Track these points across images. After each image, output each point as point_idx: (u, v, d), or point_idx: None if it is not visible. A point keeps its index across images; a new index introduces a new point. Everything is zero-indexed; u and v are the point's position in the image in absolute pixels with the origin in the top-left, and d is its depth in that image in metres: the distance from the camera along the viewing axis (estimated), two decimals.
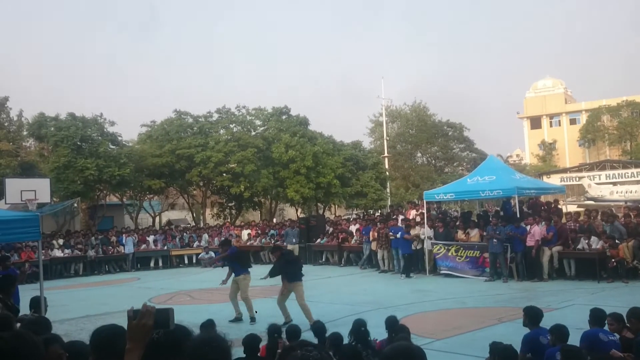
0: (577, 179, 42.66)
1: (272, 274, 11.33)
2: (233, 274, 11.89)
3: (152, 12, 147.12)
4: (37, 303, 7.79)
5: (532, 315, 6.93)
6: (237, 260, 12.13)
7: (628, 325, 6.36)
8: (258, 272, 12.43)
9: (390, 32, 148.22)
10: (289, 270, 11.17)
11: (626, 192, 37.58)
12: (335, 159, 33.10)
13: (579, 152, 63.58)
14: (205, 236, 26.19)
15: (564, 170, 47.14)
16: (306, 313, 10.70)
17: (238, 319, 11.51)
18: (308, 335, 7.22)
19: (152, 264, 24.80)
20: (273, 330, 6.68)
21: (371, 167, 36.11)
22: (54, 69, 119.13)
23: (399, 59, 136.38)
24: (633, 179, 40.09)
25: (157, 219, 38.25)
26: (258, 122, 35.30)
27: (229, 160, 30.57)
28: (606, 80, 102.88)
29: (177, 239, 25.96)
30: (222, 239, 19.34)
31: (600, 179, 41.78)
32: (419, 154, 48.62)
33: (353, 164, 34.82)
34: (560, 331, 6.25)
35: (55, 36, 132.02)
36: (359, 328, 6.78)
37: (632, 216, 15.84)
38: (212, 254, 24.72)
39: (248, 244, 25.20)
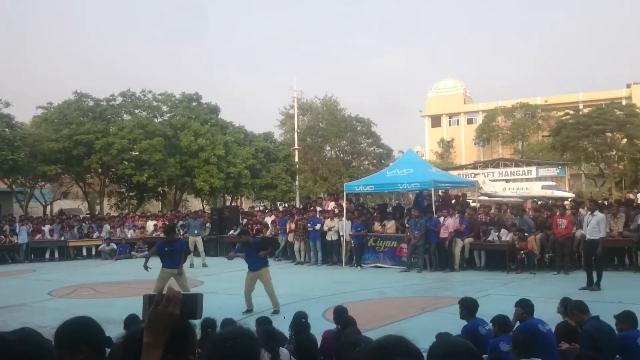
0: (473, 175, 44.39)
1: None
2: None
3: None
4: None
5: (468, 307, 6.90)
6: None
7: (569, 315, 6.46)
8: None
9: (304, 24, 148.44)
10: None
11: (518, 189, 39.76)
12: (247, 150, 32.47)
13: (474, 151, 66.86)
14: (107, 227, 24.54)
15: (461, 167, 49.06)
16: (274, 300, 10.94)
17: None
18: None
19: (47, 255, 23.02)
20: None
21: (282, 159, 35.78)
22: None
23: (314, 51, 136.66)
24: (524, 176, 42.35)
25: (49, 208, 35.77)
26: (165, 108, 33.85)
27: (134, 148, 29.02)
28: (502, 82, 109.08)
29: (76, 229, 24.20)
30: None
31: (493, 176, 43.84)
32: (328, 148, 48.91)
33: (264, 156, 34.33)
34: (503, 321, 6.21)
35: None
36: (300, 320, 6.61)
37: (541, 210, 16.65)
38: (113, 245, 23.34)
39: (154, 235, 23.96)
